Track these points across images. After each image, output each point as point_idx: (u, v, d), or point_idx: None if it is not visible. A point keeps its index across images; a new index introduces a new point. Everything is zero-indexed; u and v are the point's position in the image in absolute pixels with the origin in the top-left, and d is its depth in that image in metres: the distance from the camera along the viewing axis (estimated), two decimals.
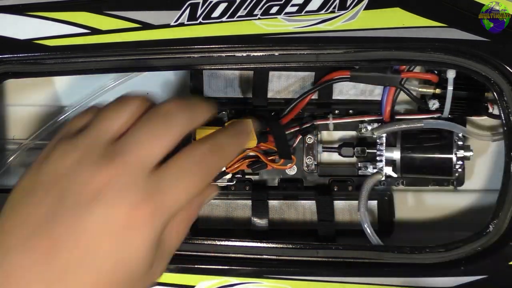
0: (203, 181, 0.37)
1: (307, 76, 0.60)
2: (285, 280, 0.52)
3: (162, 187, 0.34)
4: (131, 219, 0.33)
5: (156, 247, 0.35)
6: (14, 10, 0.47)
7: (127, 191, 0.33)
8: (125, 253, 0.33)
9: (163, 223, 0.35)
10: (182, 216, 0.38)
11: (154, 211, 0.34)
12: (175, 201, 0.35)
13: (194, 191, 0.36)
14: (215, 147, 0.38)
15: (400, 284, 0.51)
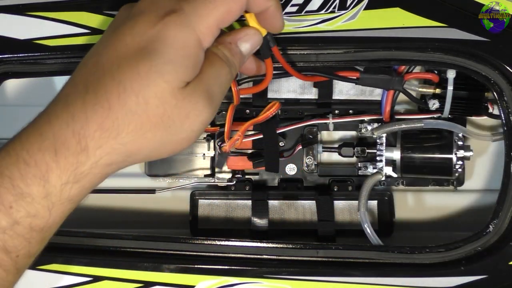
0: (230, 4, 0.38)
1: None
2: (285, 280, 0.52)
3: (189, 1, 0.38)
4: (157, 25, 0.37)
5: (188, 59, 0.37)
6: (14, 10, 0.47)
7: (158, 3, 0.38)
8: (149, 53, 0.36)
9: (191, 34, 0.37)
10: (213, 52, 0.40)
11: (178, 17, 0.37)
12: (199, 12, 0.37)
13: (218, 6, 0.38)
14: None
15: (400, 284, 0.51)
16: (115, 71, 0.36)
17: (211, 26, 0.38)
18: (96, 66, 0.37)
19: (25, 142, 0.37)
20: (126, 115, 0.36)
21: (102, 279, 0.51)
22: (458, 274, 0.51)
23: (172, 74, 0.37)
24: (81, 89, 0.37)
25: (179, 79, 0.37)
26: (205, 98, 0.38)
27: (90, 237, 0.52)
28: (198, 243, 0.52)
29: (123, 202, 0.64)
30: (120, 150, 0.37)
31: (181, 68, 0.37)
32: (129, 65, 0.36)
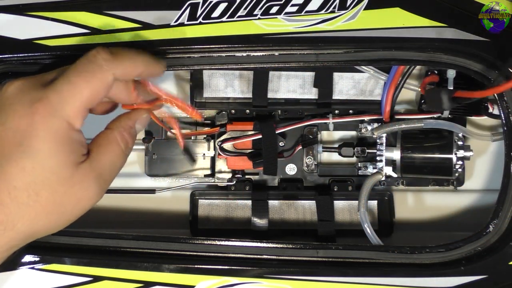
0: (89, 79, 0.40)
1: (307, 76, 0.60)
2: (285, 280, 0.52)
3: (53, 89, 0.39)
4: (26, 116, 0.38)
5: (66, 150, 0.39)
6: (14, 10, 0.47)
7: (25, 94, 0.39)
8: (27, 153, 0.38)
9: (61, 122, 0.39)
10: (109, 136, 0.43)
11: (45, 107, 0.38)
12: (65, 98, 0.39)
13: (81, 90, 0.39)
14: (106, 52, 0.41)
15: (400, 284, 0.51)
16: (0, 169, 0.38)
17: (78, 109, 0.39)
18: None
19: None
20: (19, 208, 0.38)
21: (102, 279, 0.51)
22: (458, 274, 0.51)
23: (54, 166, 0.38)
24: None
25: (63, 167, 0.39)
26: (97, 184, 0.41)
27: (90, 237, 0.52)
28: (198, 243, 0.52)
29: (123, 202, 0.64)
30: (18, 237, 0.39)
31: (61, 158, 0.39)
32: (12, 163, 0.38)
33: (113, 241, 0.52)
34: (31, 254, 0.51)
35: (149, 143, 0.61)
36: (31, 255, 0.51)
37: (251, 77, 0.60)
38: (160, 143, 0.61)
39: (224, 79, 0.60)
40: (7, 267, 0.51)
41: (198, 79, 0.60)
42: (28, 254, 0.51)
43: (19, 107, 0.39)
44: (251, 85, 0.60)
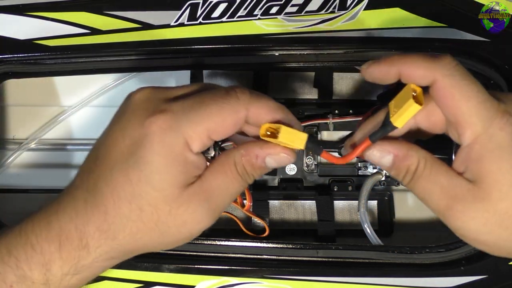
0: (221, 106, 0.36)
1: (307, 76, 0.60)
2: (285, 280, 0.52)
3: (181, 104, 0.37)
4: (144, 124, 0.36)
5: (178, 166, 0.36)
6: (14, 10, 0.47)
7: (151, 103, 0.37)
8: (139, 163, 0.36)
9: (178, 138, 0.36)
10: (229, 157, 0.38)
11: (165, 118, 0.36)
12: (190, 117, 0.36)
13: (210, 114, 0.36)
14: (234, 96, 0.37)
15: (400, 284, 0.51)
16: (108, 176, 0.37)
17: (200, 133, 0.36)
18: (95, 164, 0.38)
19: (36, 227, 0.38)
20: (121, 220, 0.37)
21: (102, 279, 0.51)
22: (458, 274, 0.51)
23: (161, 183, 0.36)
24: (84, 186, 0.38)
25: (170, 185, 0.36)
26: (205, 208, 0.38)
27: None
28: (198, 243, 0.52)
29: None
30: (119, 249, 0.38)
31: (170, 176, 0.36)
32: (121, 172, 0.36)
33: None
34: None
35: None
36: None
37: (251, 77, 0.60)
38: None
39: (224, 79, 0.60)
40: None
41: (198, 79, 0.60)
42: None
43: (140, 115, 0.37)
44: (251, 85, 0.60)
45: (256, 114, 0.37)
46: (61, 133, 0.63)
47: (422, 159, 0.37)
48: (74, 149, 0.63)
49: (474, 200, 0.36)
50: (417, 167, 0.37)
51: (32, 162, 0.63)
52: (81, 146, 0.63)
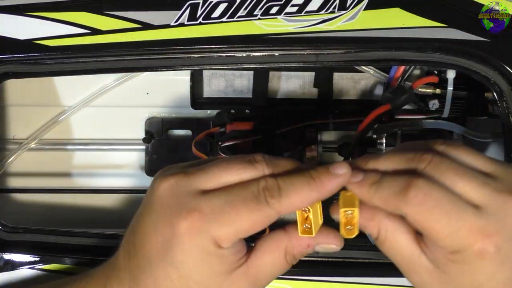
0: (253, 209, 0.36)
1: (307, 76, 0.60)
2: (285, 280, 0.52)
3: (209, 202, 0.37)
4: (173, 225, 0.36)
5: (214, 263, 0.37)
6: (14, 10, 0.47)
7: (177, 198, 0.37)
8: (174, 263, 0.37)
9: (208, 239, 0.36)
10: (283, 246, 0.39)
11: (194, 221, 0.36)
12: (219, 220, 0.36)
13: (240, 217, 0.36)
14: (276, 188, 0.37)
15: (400, 284, 0.51)
16: (148, 269, 0.38)
17: (230, 235, 0.36)
18: (134, 252, 0.39)
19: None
20: None
21: None
22: None
23: (199, 276, 0.37)
24: (127, 271, 0.39)
25: (210, 278, 0.37)
26: None
27: (90, 237, 0.52)
28: None
29: (123, 202, 0.64)
30: None
31: (208, 270, 0.37)
32: (160, 268, 0.37)
33: (113, 241, 0.52)
34: (31, 254, 0.51)
35: (149, 143, 0.61)
36: (31, 255, 0.51)
37: (251, 77, 0.60)
38: (160, 143, 0.61)
39: (224, 79, 0.60)
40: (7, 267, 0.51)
41: (198, 79, 0.60)
42: (28, 254, 0.51)
43: (168, 213, 0.37)
44: (251, 85, 0.60)
45: (289, 210, 0.37)
46: (61, 133, 0.63)
47: (382, 228, 0.39)
48: (74, 149, 0.63)
49: (431, 281, 0.38)
50: (378, 235, 0.39)
51: (32, 162, 0.63)
52: (81, 146, 0.63)
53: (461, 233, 0.35)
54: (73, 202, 0.63)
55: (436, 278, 0.38)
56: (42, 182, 0.63)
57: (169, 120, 0.62)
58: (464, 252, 0.36)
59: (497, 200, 0.36)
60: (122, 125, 0.63)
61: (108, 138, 0.63)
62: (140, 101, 0.62)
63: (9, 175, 0.62)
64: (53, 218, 0.62)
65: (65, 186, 0.63)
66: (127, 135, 0.63)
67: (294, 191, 0.37)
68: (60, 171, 0.63)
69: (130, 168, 0.64)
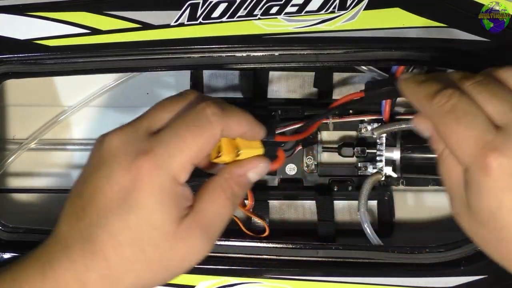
0: (198, 133, 0.38)
1: (307, 76, 0.60)
2: (285, 280, 0.52)
3: (159, 141, 0.38)
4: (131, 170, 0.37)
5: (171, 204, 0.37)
6: (14, 10, 0.47)
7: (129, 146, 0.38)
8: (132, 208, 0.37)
9: (166, 176, 0.37)
10: (216, 185, 0.40)
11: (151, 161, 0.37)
12: (171, 153, 0.37)
13: (189, 145, 0.37)
14: (216, 109, 0.39)
15: (400, 284, 0.51)
16: (103, 222, 0.37)
17: (184, 164, 0.38)
18: (84, 212, 0.38)
19: (30, 277, 0.38)
20: (124, 265, 0.37)
21: None
22: (458, 274, 0.51)
23: (159, 222, 0.37)
24: (76, 235, 0.38)
25: (167, 223, 0.37)
26: (202, 237, 0.39)
27: None
28: None
29: None
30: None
31: (166, 214, 0.37)
32: (117, 218, 0.37)
33: None
34: None
35: None
36: None
37: (251, 77, 0.60)
38: None
39: (224, 79, 0.60)
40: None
41: (198, 79, 0.60)
42: None
43: (124, 161, 0.37)
44: (251, 85, 0.60)
45: (229, 131, 0.40)
46: (61, 133, 0.63)
47: (446, 149, 0.40)
48: (74, 149, 0.63)
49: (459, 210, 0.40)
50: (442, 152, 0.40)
51: (32, 162, 0.63)
52: (81, 146, 0.63)
53: (469, 143, 0.36)
54: None
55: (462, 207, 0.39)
56: (42, 182, 0.63)
57: None
58: (472, 169, 0.36)
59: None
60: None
61: None
62: (140, 101, 0.62)
63: (9, 175, 0.62)
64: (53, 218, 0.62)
65: (65, 186, 0.63)
66: None
67: (235, 113, 0.40)
68: (60, 171, 0.63)
69: None
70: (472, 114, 0.37)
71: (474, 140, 0.36)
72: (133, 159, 0.37)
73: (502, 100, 0.37)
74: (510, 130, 0.36)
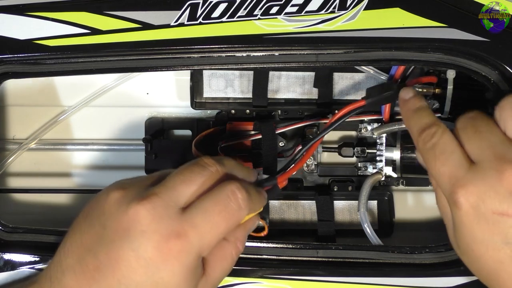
0: (229, 219, 0.41)
1: (307, 76, 0.60)
2: (285, 280, 0.52)
3: (192, 223, 0.39)
4: (162, 250, 0.38)
5: (192, 278, 0.40)
6: (14, 10, 0.47)
7: (160, 223, 0.39)
8: (157, 284, 0.39)
9: (194, 257, 0.39)
10: (225, 249, 0.43)
11: (183, 244, 0.39)
12: (203, 237, 0.40)
13: (220, 229, 0.40)
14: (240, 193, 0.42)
15: (400, 284, 0.51)
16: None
17: (212, 245, 0.41)
18: (100, 275, 0.39)
19: None
20: None
21: None
22: (458, 274, 0.51)
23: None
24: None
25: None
26: None
27: None
28: None
29: None
30: None
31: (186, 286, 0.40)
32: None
33: None
34: (31, 254, 0.51)
35: (149, 143, 0.61)
36: (31, 255, 0.51)
37: (251, 77, 0.60)
38: (160, 143, 0.61)
39: (224, 79, 0.60)
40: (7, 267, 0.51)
41: (198, 79, 0.60)
42: (28, 254, 0.51)
43: (155, 239, 0.38)
44: (251, 85, 0.60)
45: (253, 211, 0.45)
46: (61, 133, 0.63)
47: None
48: (74, 149, 0.63)
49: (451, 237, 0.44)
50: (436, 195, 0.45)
51: (32, 162, 0.63)
52: (81, 146, 0.63)
53: (444, 179, 0.39)
54: (73, 202, 0.63)
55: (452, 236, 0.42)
56: (42, 182, 0.63)
57: (169, 120, 0.62)
58: (449, 203, 0.40)
59: (490, 163, 0.38)
60: (122, 125, 0.63)
61: (108, 138, 0.63)
62: (140, 101, 0.62)
63: (9, 175, 0.62)
64: (53, 218, 0.62)
65: (65, 186, 0.63)
66: (127, 135, 0.63)
67: (258, 197, 0.45)
68: (60, 171, 0.63)
69: (130, 168, 0.64)
70: (448, 152, 0.40)
71: (448, 176, 0.39)
72: (166, 240, 0.38)
73: (482, 137, 0.39)
74: (481, 166, 0.38)
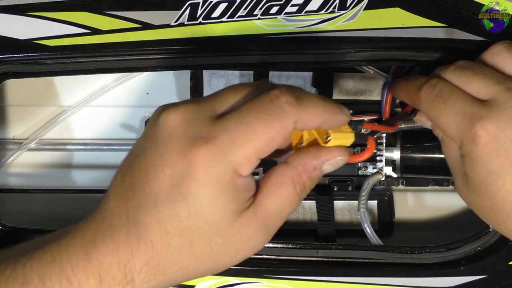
0: (268, 124, 0.33)
1: (307, 76, 0.60)
2: (285, 280, 0.52)
3: (224, 126, 0.34)
4: (187, 155, 0.33)
5: (228, 197, 0.34)
6: (14, 10, 0.47)
7: (188, 126, 0.34)
8: (185, 197, 0.33)
9: (226, 167, 0.33)
10: (284, 173, 0.36)
11: (211, 148, 0.33)
12: (237, 142, 0.33)
13: (258, 135, 0.33)
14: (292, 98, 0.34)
15: (400, 284, 0.51)
16: (151, 207, 0.34)
17: (249, 155, 0.34)
18: (133, 190, 0.35)
19: (72, 256, 0.35)
20: (171, 255, 0.35)
21: None
22: (458, 274, 0.51)
23: (213, 215, 0.34)
24: (123, 215, 0.35)
25: (221, 217, 0.34)
26: (260, 233, 0.36)
27: None
28: None
29: None
30: (169, 282, 0.36)
31: (221, 207, 0.34)
32: (166, 205, 0.34)
33: None
34: None
35: None
36: None
37: (251, 77, 0.60)
38: None
39: (224, 79, 0.60)
40: None
41: (198, 79, 0.60)
42: None
43: (180, 143, 0.33)
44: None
45: (304, 123, 0.35)
46: (61, 133, 0.63)
47: None
48: (74, 149, 0.63)
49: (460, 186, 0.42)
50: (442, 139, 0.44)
51: (32, 162, 0.63)
52: (81, 146, 0.63)
53: (457, 119, 0.38)
54: (73, 202, 0.63)
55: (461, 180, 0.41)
56: (42, 182, 0.63)
57: None
58: (464, 142, 0.38)
59: (504, 96, 0.38)
60: (122, 125, 0.63)
61: (108, 138, 0.63)
62: (140, 101, 0.62)
63: (9, 175, 0.62)
64: (53, 218, 0.62)
65: (65, 186, 0.63)
66: (127, 135, 0.63)
67: (312, 103, 0.35)
68: (60, 171, 0.63)
69: None
70: (457, 93, 0.39)
71: (461, 115, 0.38)
72: (192, 144, 0.33)
73: (484, 77, 0.39)
74: (494, 101, 0.38)
